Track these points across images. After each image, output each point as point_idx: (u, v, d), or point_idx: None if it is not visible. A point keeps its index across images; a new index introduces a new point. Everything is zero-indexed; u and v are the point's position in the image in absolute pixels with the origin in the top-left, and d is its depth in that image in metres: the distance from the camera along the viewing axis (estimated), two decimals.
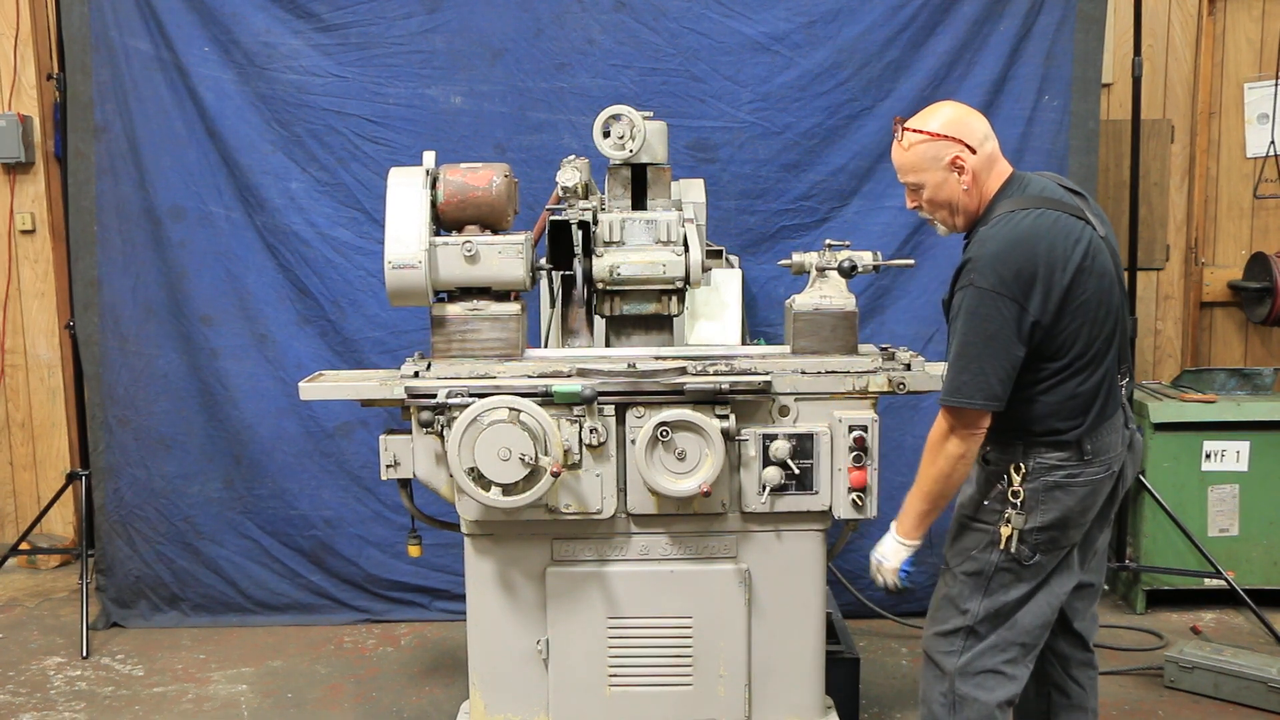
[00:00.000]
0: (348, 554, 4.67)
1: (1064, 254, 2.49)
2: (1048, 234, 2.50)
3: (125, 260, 4.58)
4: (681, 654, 3.08)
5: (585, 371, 3.01)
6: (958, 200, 2.63)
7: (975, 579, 2.64)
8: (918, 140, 2.62)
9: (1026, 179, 2.65)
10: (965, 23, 4.41)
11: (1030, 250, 2.48)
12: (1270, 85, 5.18)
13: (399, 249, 3.06)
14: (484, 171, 3.18)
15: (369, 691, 4.07)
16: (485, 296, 3.16)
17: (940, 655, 2.70)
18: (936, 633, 2.72)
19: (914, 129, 2.64)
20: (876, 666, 4.16)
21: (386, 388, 3.05)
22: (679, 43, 4.46)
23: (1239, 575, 4.52)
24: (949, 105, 2.70)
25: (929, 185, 2.64)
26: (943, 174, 2.61)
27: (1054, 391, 2.54)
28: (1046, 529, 2.57)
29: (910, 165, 2.65)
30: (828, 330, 3.14)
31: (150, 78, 4.49)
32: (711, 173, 4.42)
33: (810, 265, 3.18)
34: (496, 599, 3.09)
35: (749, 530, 3.06)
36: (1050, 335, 2.51)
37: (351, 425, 4.60)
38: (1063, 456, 2.56)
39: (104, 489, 4.66)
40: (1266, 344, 5.40)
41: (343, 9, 4.46)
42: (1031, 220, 2.51)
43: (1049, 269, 2.48)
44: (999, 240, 2.50)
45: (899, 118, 2.71)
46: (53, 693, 4.08)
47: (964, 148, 2.60)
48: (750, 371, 3.01)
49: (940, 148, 2.60)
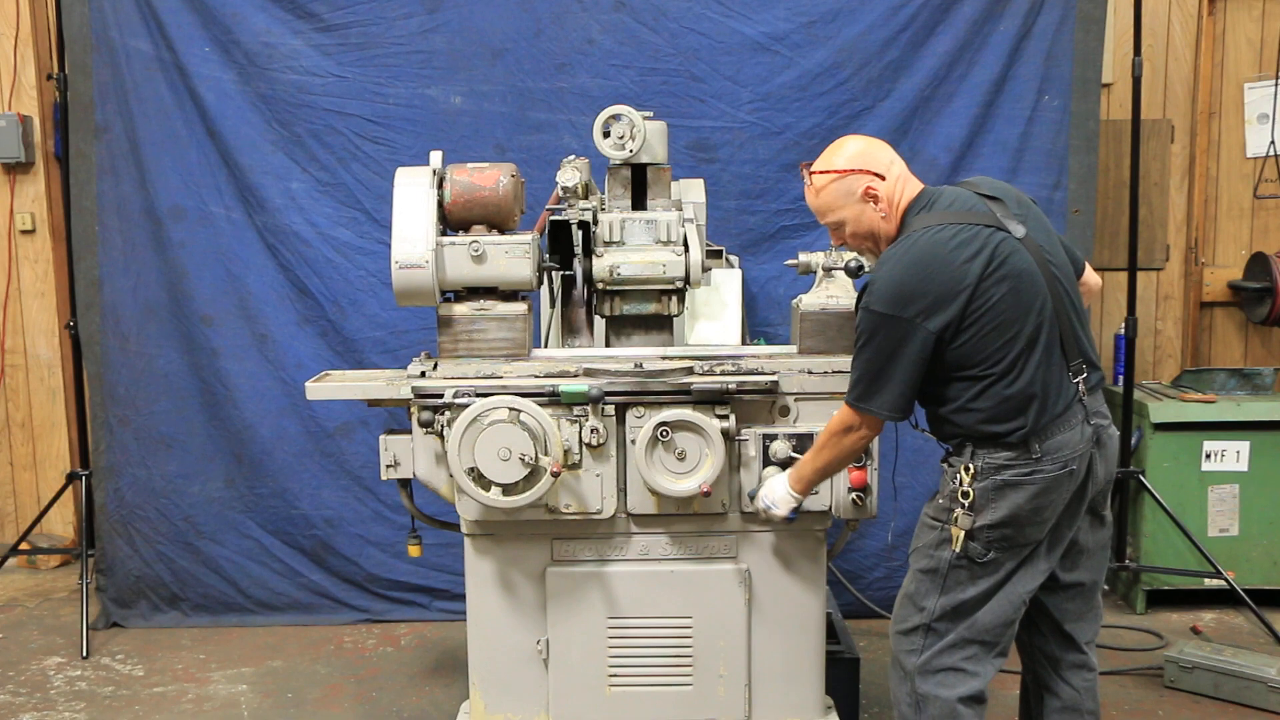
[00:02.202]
0: (348, 554, 4.67)
1: (961, 267, 2.50)
2: (941, 251, 2.51)
3: (126, 260, 4.58)
4: (681, 654, 3.08)
5: (592, 371, 3.01)
6: (878, 228, 2.67)
7: (931, 576, 2.65)
8: (828, 180, 2.66)
9: (936, 193, 2.66)
10: (965, 23, 4.41)
11: (923, 271, 2.50)
12: (1270, 85, 5.17)
13: (406, 249, 3.05)
14: (491, 171, 3.18)
15: (369, 691, 4.07)
16: (492, 296, 3.16)
17: (902, 655, 2.71)
18: (898, 631, 2.73)
19: (821, 170, 2.68)
20: (876, 666, 4.15)
21: (393, 388, 3.05)
22: (679, 43, 4.46)
23: (1239, 575, 4.52)
24: (850, 139, 2.73)
25: (849, 220, 2.67)
26: (859, 206, 2.65)
27: (982, 398, 2.55)
28: (998, 526, 2.56)
29: (826, 206, 2.68)
30: (834, 330, 3.15)
31: (151, 78, 4.49)
32: (711, 173, 4.42)
33: (817, 265, 3.19)
34: (496, 599, 3.09)
35: (749, 530, 3.06)
36: (959, 346, 2.52)
37: (352, 425, 4.60)
38: (1010, 456, 2.55)
39: (104, 489, 4.66)
40: (1266, 344, 5.40)
41: (343, 9, 4.46)
42: (928, 239, 2.53)
43: (945, 285, 2.49)
44: (893, 262, 2.55)
45: (805, 164, 2.74)
46: (53, 693, 4.08)
47: (873, 176, 2.63)
48: (757, 371, 3.01)
49: (851, 182, 2.64)
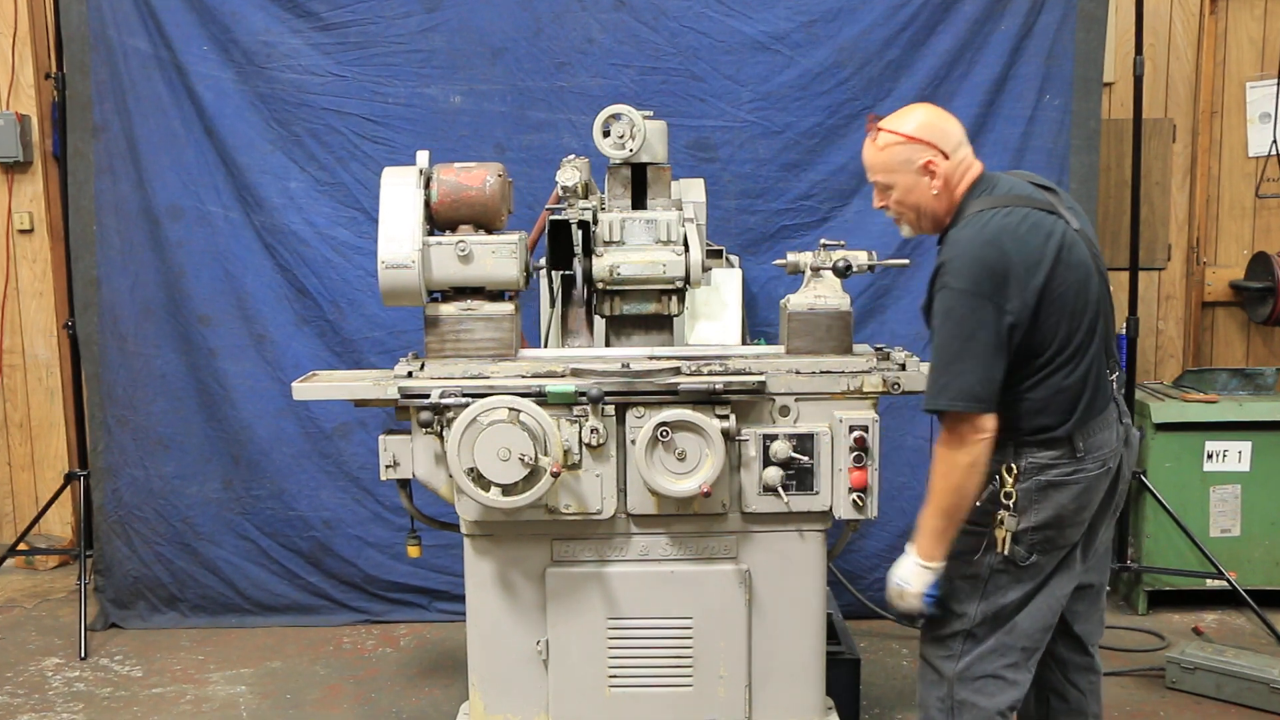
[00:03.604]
0: (347, 555, 4.66)
1: (1036, 249, 2.47)
2: (1017, 231, 2.48)
3: (124, 260, 4.57)
4: (682, 655, 3.07)
5: (579, 371, 3.00)
6: (926, 204, 2.62)
7: (972, 582, 2.61)
8: (892, 141, 2.60)
9: (995, 179, 2.63)
10: (966, 22, 4.40)
11: (1001, 249, 2.46)
12: (1272, 84, 5.17)
13: (392, 249, 3.05)
14: (478, 171, 3.16)
15: (368, 692, 4.06)
16: (479, 296, 3.15)
17: (938, 660, 2.66)
18: (933, 637, 2.69)
19: (890, 129, 2.62)
20: (877, 667, 4.15)
21: (380, 388, 3.03)
22: (679, 42, 4.45)
23: (1241, 576, 4.51)
24: (925, 108, 2.68)
25: (899, 187, 2.62)
26: (914, 177, 2.60)
27: (1039, 388, 2.52)
28: (1041, 528, 2.54)
29: (882, 165, 2.63)
30: (822, 330, 3.14)
31: (149, 77, 4.48)
32: (711, 172, 4.41)
33: (805, 265, 3.17)
34: (496, 599, 3.08)
35: (749, 530, 3.05)
36: (1030, 331, 2.49)
37: (350, 426, 4.59)
38: (1054, 455, 2.53)
39: (102, 489, 4.65)
40: (1268, 344, 5.39)
41: (342, 8, 4.45)
42: (1001, 219, 2.50)
43: (1021, 266, 2.46)
44: (970, 241, 2.49)
45: (874, 115, 2.68)
46: (51, 694, 4.07)
47: (937, 153, 2.58)
48: (745, 371, 3.00)
49: (914, 151, 2.58)
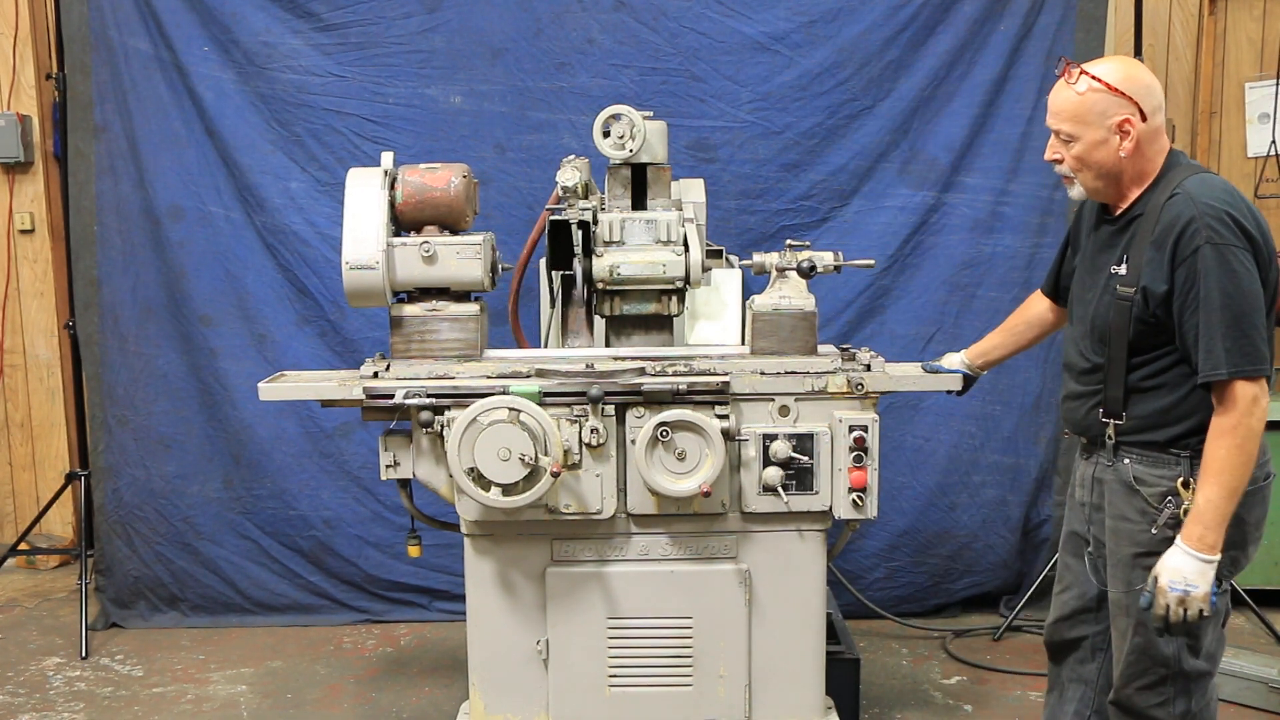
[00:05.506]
0: (347, 554, 4.66)
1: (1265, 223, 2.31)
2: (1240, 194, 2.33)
3: (125, 260, 4.58)
4: (681, 654, 3.08)
5: (543, 372, 3.01)
6: (1110, 164, 2.39)
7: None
8: (1094, 88, 2.36)
9: (1181, 156, 2.44)
10: (965, 22, 4.40)
11: (1252, 211, 2.28)
12: (1271, 85, 5.16)
13: (357, 249, 3.05)
14: (443, 172, 3.18)
15: (369, 692, 4.07)
16: (445, 297, 3.16)
17: (1154, 709, 2.46)
18: (1140, 687, 2.46)
19: (1092, 75, 2.37)
20: (877, 667, 4.16)
21: (345, 388, 3.03)
22: (679, 42, 4.45)
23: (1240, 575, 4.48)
24: (1131, 61, 2.45)
25: (1084, 141, 2.39)
26: (1104, 134, 2.37)
27: None
28: (1229, 549, 2.31)
29: (1074, 113, 2.39)
30: (786, 331, 3.13)
31: (150, 77, 4.48)
32: (711, 173, 4.41)
33: (770, 265, 3.16)
34: (496, 599, 3.09)
35: (749, 530, 3.05)
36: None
37: (351, 425, 4.59)
38: None
39: (103, 489, 4.65)
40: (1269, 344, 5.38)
41: (342, 9, 4.45)
42: (1224, 180, 2.33)
43: (1259, 228, 2.27)
44: (1213, 197, 2.26)
45: (1067, 59, 2.46)
46: (52, 693, 4.08)
47: (1137, 111, 2.35)
48: (709, 372, 3.00)
49: (1114, 104, 2.35)
